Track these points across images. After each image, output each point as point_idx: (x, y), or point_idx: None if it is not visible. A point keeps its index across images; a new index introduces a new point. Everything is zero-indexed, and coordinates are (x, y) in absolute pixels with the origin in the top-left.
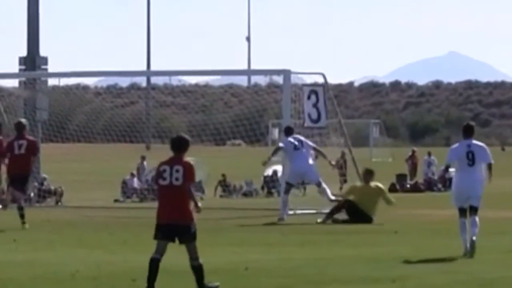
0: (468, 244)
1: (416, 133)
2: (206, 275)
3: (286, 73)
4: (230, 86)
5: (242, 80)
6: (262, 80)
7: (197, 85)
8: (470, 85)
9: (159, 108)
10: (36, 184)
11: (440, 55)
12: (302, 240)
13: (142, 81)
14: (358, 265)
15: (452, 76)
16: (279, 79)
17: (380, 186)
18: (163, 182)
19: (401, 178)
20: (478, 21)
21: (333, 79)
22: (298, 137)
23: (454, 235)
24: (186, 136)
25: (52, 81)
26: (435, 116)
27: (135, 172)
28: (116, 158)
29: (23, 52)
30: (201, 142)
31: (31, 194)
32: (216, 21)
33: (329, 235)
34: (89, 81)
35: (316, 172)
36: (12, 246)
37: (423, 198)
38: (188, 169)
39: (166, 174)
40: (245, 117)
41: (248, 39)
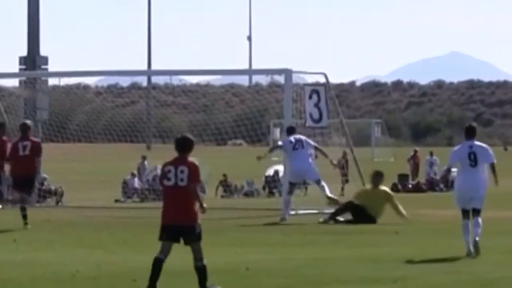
0: (471, 245)
1: (418, 133)
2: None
3: (288, 73)
4: (231, 86)
5: (243, 80)
6: (264, 80)
7: (198, 85)
8: (472, 85)
9: (160, 108)
10: (37, 184)
11: (442, 55)
12: (303, 240)
13: (143, 81)
14: (359, 266)
15: (454, 76)
16: (281, 79)
17: (389, 192)
18: (168, 183)
19: (403, 178)
20: (480, 21)
21: (335, 79)
22: (299, 137)
23: (456, 235)
24: (191, 136)
25: (53, 81)
26: (437, 116)
27: (136, 172)
28: (117, 158)
29: (23, 52)
30: (202, 142)
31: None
32: (217, 21)
33: (330, 235)
34: (90, 81)
35: (316, 171)
36: (12, 246)
37: (425, 198)
38: (193, 170)
39: (171, 175)
40: (246, 117)
41: (249, 39)
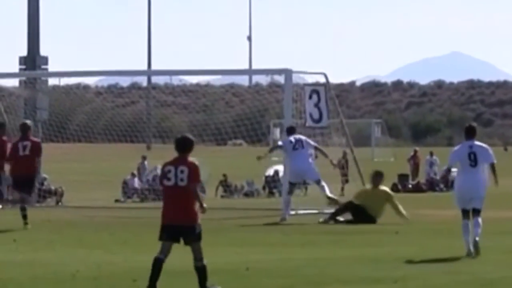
0: (471, 245)
1: (418, 133)
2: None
3: (288, 73)
4: (231, 86)
5: (243, 80)
6: (264, 80)
7: (198, 85)
8: (472, 85)
9: (160, 108)
10: (37, 184)
11: (442, 55)
12: (303, 240)
13: (143, 81)
14: (360, 266)
15: (454, 76)
16: (281, 79)
17: (389, 192)
18: (168, 183)
19: (403, 178)
20: (481, 21)
21: (335, 79)
22: (299, 137)
23: (456, 235)
24: (191, 137)
25: (53, 81)
26: (437, 116)
27: (136, 172)
28: (117, 158)
29: (23, 52)
30: (202, 142)
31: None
32: (217, 21)
33: (330, 235)
34: (90, 81)
35: (316, 171)
36: (12, 246)
37: (425, 198)
38: (194, 170)
39: (171, 175)
40: (246, 117)
41: (249, 39)
